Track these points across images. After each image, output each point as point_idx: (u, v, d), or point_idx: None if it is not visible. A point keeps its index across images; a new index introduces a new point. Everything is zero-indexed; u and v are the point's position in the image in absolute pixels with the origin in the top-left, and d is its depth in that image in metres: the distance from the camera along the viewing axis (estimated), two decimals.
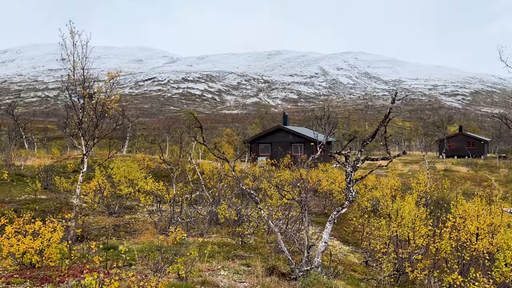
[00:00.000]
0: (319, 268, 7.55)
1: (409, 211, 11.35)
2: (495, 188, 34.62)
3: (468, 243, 10.53)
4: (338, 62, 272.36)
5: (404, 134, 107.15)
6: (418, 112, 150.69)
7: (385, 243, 11.11)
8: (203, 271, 7.17)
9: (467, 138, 61.38)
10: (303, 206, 8.13)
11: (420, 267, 9.48)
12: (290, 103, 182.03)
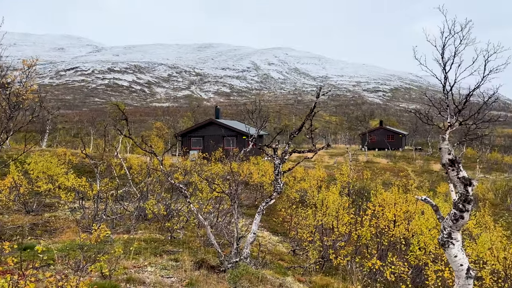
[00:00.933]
0: (248, 259, 7.65)
1: (333, 201, 11.92)
2: (412, 178, 37.59)
3: (387, 230, 11.33)
4: (269, 57, 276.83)
5: (331, 128, 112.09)
6: (343, 107, 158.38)
7: (312, 232, 11.56)
8: (129, 268, 6.92)
9: (387, 131, 65.80)
10: (233, 199, 8.16)
11: (343, 254, 10.01)
12: (222, 97, 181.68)
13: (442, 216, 4.86)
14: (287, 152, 8.06)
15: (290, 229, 13.57)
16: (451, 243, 4.66)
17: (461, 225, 4.61)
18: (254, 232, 7.85)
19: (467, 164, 50.45)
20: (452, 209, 4.66)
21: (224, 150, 31.96)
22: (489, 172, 47.11)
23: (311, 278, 8.32)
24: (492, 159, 56.93)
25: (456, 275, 4.70)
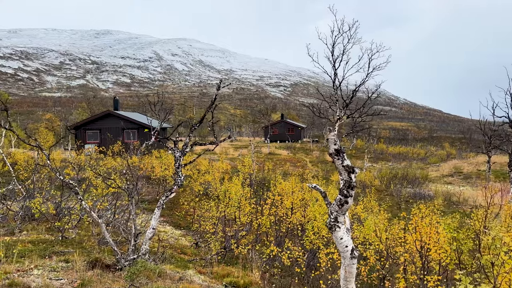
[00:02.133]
0: (147, 255, 7.43)
1: (235, 192, 12.14)
2: (309, 168, 39.96)
3: (285, 217, 11.89)
4: (172, 48, 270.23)
5: (236, 120, 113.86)
6: (248, 100, 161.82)
7: (214, 223, 11.65)
8: (11, 273, 6.26)
9: (288, 124, 68.95)
10: (130, 194, 7.83)
11: (244, 243, 10.27)
12: (122, 87, 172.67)
13: (329, 202, 5.25)
14: (187, 145, 7.96)
15: (193, 222, 13.51)
16: (338, 226, 5.06)
17: (346, 209, 5.03)
18: (153, 227, 7.64)
19: (357, 154, 55.23)
20: (338, 195, 5.05)
21: (123, 144, 30.47)
22: (376, 161, 52.14)
23: (213, 269, 8.38)
24: (378, 150, 63.10)
25: (342, 256, 5.12)
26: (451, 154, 58.21)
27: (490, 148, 34.27)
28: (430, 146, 73.94)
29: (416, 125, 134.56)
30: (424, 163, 49.64)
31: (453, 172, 40.24)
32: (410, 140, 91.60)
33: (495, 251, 4.66)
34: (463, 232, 6.07)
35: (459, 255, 6.11)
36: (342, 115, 10.17)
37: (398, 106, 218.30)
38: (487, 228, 8.04)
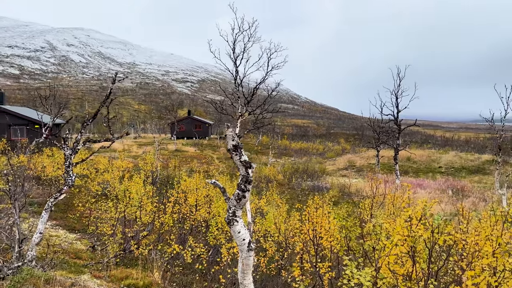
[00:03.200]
0: (34, 261, 6.79)
1: (136, 191, 11.67)
2: (216, 164, 40.11)
3: (189, 215, 11.78)
4: (68, 38, 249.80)
5: (140, 117, 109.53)
6: (153, 96, 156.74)
7: (113, 225, 11.08)
8: None
9: (195, 121, 68.31)
10: (12, 197, 7.06)
11: (146, 243, 9.94)
12: (10, 79, 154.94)
13: (228, 197, 5.31)
14: (79, 142, 7.43)
15: (90, 224, 12.69)
16: (236, 220, 5.14)
17: (244, 203, 5.14)
18: (40, 232, 6.99)
19: (263, 150, 56.96)
20: (236, 190, 5.14)
21: (9, 142, 27.42)
22: (280, 156, 54.27)
23: (110, 273, 7.96)
24: (282, 146, 65.76)
25: (240, 249, 5.22)
26: (346, 149, 63.06)
27: (378, 143, 37.86)
28: (328, 142, 79.21)
29: (316, 122, 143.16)
30: (323, 157, 53.03)
31: (348, 165, 43.66)
32: (311, 136, 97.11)
33: (376, 237, 5.15)
34: (351, 221, 6.60)
35: (348, 242, 6.63)
36: (243, 112, 10.43)
37: (300, 104, 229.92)
38: (373, 216, 8.87)
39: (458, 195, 25.14)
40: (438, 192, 25.41)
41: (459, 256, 6.07)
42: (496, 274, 5.32)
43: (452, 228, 5.72)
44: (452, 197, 23.89)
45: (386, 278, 4.86)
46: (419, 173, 38.17)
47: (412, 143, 74.01)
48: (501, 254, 5.41)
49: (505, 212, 5.75)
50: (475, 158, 43.11)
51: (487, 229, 5.34)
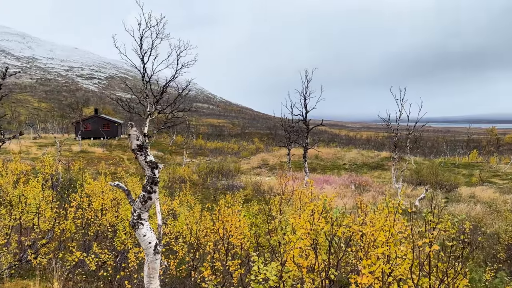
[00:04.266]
0: None
1: (34, 196, 10.69)
2: (126, 165, 38.39)
3: (93, 220, 11.08)
4: None
5: (40, 115, 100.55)
6: (55, 93, 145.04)
7: (7, 233, 10.01)
8: None
9: (103, 120, 64.61)
10: None
11: (45, 252, 9.14)
12: None
13: (133, 199, 5.09)
14: None
15: None
16: (141, 223, 4.95)
17: (150, 205, 4.97)
18: None
19: (177, 150, 55.93)
20: (141, 192, 4.94)
21: None
22: (195, 156, 53.78)
23: (4, 286, 7.19)
24: (197, 145, 65.25)
25: (146, 253, 5.04)
26: (260, 148, 64.68)
27: (289, 142, 39.40)
28: (243, 141, 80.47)
29: (231, 122, 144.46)
30: (238, 157, 53.71)
31: (261, 164, 44.78)
32: (226, 136, 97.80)
33: (281, 232, 5.33)
34: (260, 217, 6.76)
35: (257, 238, 6.77)
36: (153, 111, 10.10)
37: (215, 104, 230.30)
38: (282, 212, 9.18)
39: (360, 189, 27.18)
40: (342, 187, 27.21)
41: (359, 247, 6.55)
42: (390, 261, 5.84)
43: (351, 220, 6.15)
44: (355, 192, 25.76)
45: (291, 271, 5.06)
46: (326, 170, 40.53)
47: (320, 142, 78.38)
48: (394, 243, 5.95)
49: (396, 204, 6.34)
50: (375, 155, 47.02)
51: (381, 220, 5.82)
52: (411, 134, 27.82)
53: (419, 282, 5.53)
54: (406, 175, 32.27)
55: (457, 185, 29.89)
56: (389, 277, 5.64)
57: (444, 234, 5.52)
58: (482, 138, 73.58)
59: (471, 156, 54.91)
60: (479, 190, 28.64)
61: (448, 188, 28.80)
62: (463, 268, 5.38)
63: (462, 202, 23.60)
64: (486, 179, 35.41)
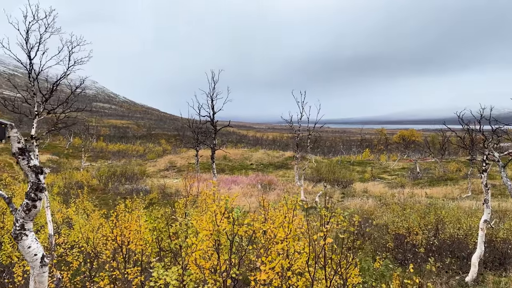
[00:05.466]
0: None
1: None
2: (16, 171, 34.62)
3: None
4: None
5: None
6: None
7: None
8: None
9: None
10: None
11: None
12: None
13: (15, 208, 4.59)
14: None
15: None
16: (25, 234, 4.48)
17: (34, 214, 4.52)
18: None
19: (75, 153, 52.01)
20: (25, 200, 4.48)
21: None
22: (96, 159, 50.56)
23: None
24: (98, 148, 61.41)
25: (32, 266, 4.58)
26: (167, 150, 63.16)
27: (197, 143, 39.08)
28: (149, 143, 77.81)
29: (136, 123, 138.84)
30: (143, 159, 51.77)
31: (169, 166, 43.76)
32: (130, 137, 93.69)
33: (183, 235, 5.23)
34: (162, 221, 6.56)
35: (159, 243, 6.56)
36: (41, 111, 9.19)
37: (118, 104, 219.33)
38: (187, 215, 9.04)
39: (266, 188, 28.02)
40: (249, 187, 27.79)
41: (261, 244, 6.71)
42: (289, 256, 6.09)
43: (254, 219, 6.28)
44: (261, 191, 26.49)
45: (193, 274, 4.99)
46: (234, 170, 41.05)
47: (229, 143, 79.22)
48: (292, 239, 6.22)
49: (295, 201, 6.64)
50: (279, 155, 48.91)
51: (280, 217, 6.04)
52: (311, 135, 29.44)
53: (315, 274, 5.85)
54: (308, 173, 34.11)
55: (352, 181, 32.40)
56: (288, 272, 5.88)
57: (336, 228, 5.92)
58: (374, 138, 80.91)
59: (364, 154, 60.09)
60: (371, 185, 31.42)
61: (344, 184, 31.07)
62: (354, 258, 5.83)
63: (356, 196, 25.64)
64: (377, 175, 38.99)
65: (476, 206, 19.39)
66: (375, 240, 13.35)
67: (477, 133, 23.59)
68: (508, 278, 10.20)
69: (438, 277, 10.25)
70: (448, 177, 35.31)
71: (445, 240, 11.98)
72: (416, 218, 12.45)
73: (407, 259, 11.43)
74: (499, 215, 16.40)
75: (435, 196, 25.71)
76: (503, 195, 25.86)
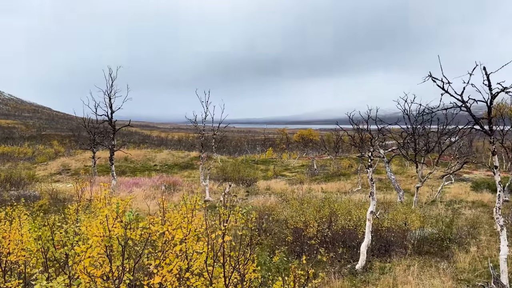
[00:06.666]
0: None
1: None
2: None
3: None
4: None
5: None
6: None
7: None
8: None
9: None
10: None
11: None
12: None
13: None
14: None
15: None
16: None
17: None
18: None
19: None
20: None
21: None
22: None
23: None
24: None
25: None
26: (60, 152, 58.28)
27: (94, 144, 36.66)
28: (39, 144, 71.07)
29: (24, 123, 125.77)
30: (32, 162, 47.12)
31: (62, 169, 40.43)
32: (17, 138, 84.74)
33: (69, 243, 4.85)
34: (48, 229, 6.01)
35: (45, 253, 6.01)
36: None
37: (3, 101, 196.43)
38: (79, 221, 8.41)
39: (170, 189, 27.42)
40: (153, 189, 26.92)
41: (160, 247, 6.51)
42: (188, 257, 6.01)
43: (151, 221, 6.07)
44: (165, 192, 25.84)
45: (82, 283, 4.66)
46: (136, 172, 39.45)
47: (131, 144, 75.94)
48: (192, 239, 6.15)
49: (194, 201, 6.58)
50: (185, 155, 48.27)
51: (179, 218, 5.93)
52: (216, 134, 29.57)
53: (215, 273, 5.87)
54: (213, 173, 34.21)
55: (256, 179, 33.31)
56: (187, 273, 5.80)
57: (235, 226, 6.01)
58: (276, 137, 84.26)
59: (267, 153, 62.25)
60: (273, 183, 32.62)
61: (248, 182, 31.81)
62: (252, 254, 5.97)
63: (260, 194, 26.42)
64: (279, 172, 40.64)
65: (365, 199, 21.28)
66: (276, 235, 13.87)
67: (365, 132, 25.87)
68: (392, 263, 11.35)
69: (331, 266, 11.01)
70: (341, 172, 38.24)
71: (337, 231, 12.91)
72: (312, 212, 13.21)
73: (304, 251, 12.08)
74: (384, 206, 18.20)
75: (330, 190, 27.67)
76: (388, 188, 28.81)
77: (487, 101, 9.14)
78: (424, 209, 19.55)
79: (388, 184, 29.55)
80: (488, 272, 9.52)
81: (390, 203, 19.50)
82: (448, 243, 12.83)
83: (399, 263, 11.23)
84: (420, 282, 9.38)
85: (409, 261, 11.43)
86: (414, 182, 29.17)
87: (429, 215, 17.25)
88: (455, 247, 12.70)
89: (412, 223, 13.99)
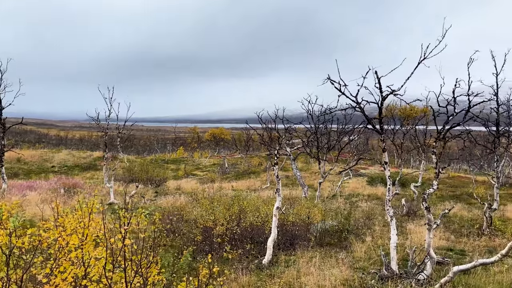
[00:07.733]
0: None
1: None
2: None
3: None
4: None
5: None
6: None
7: None
8: None
9: None
10: None
11: None
12: None
13: None
14: None
15: None
16: None
17: None
18: None
19: None
20: None
21: None
22: None
23: None
24: None
25: None
26: None
27: None
28: None
29: None
30: None
31: None
32: None
33: None
34: None
35: None
36: None
37: None
38: None
39: (70, 192, 25.48)
40: (50, 192, 24.77)
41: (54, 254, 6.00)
42: (85, 264, 5.63)
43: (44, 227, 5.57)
44: (64, 195, 23.95)
45: None
46: (31, 174, 35.98)
47: (24, 143, 69.16)
48: (89, 244, 5.77)
49: (91, 204, 6.18)
50: (87, 156, 45.25)
51: (73, 223, 5.53)
52: (121, 133, 28.21)
53: (116, 278, 5.58)
54: (119, 174, 32.59)
55: (166, 179, 32.49)
56: (84, 280, 5.44)
57: (137, 228, 5.78)
58: (187, 136, 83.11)
59: (178, 152, 61.12)
60: (184, 182, 32.14)
61: (158, 182, 30.90)
62: (155, 256, 5.79)
63: (170, 194, 25.83)
64: (190, 172, 40.16)
65: (273, 195, 22.00)
66: (185, 235, 13.68)
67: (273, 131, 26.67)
68: (296, 256, 11.88)
69: (239, 263, 11.17)
70: (251, 171, 39.09)
71: (246, 228, 13.15)
72: (222, 211, 13.29)
73: (213, 250, 12.09)
74: (290, 202, 18.99)
75: (240, 188, 28.09)
76: (294, 184, 30.15)
77: (378, 102, 10.03)
78: (325, 203, 20.82)
79: (294, 180, 30.91)
80: (381, 259, 10.45)
81: (296, 199, 20.40)
82: (347, 234, 13.84)
83: (302, 255, 11.80)
84: (321, 273, 9.96)
85: (312, 253, 12.07)
86: (317, 178, 30.94)
87: (330, 209, 18.40)
88: (353, 238, 13.74)
89: (315, 216, 14.83)
